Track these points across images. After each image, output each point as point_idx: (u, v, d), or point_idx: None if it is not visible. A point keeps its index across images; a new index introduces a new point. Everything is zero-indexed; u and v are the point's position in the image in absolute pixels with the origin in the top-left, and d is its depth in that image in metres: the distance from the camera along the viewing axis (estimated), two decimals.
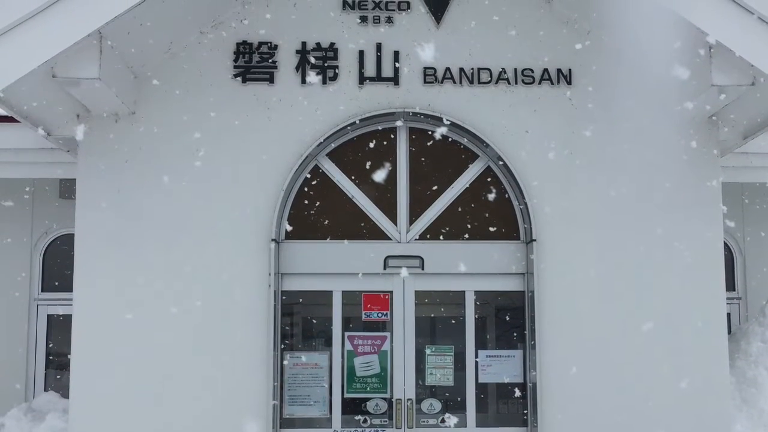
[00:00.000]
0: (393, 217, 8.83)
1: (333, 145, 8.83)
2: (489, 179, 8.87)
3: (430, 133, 8.83)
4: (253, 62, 8.73)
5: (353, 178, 8.84)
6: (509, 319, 9.03)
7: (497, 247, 8.82)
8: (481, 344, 8.88)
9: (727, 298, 8.80)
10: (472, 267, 8.71)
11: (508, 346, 8.94)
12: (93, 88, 7.80)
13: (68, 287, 8.69)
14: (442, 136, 8.77)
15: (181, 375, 8.35)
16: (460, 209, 8.84)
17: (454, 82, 8.75)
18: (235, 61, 8.74)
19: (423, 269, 8.76)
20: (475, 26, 8.79)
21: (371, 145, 8.85)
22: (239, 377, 8.38)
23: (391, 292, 8.81)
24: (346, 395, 8.78)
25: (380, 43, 8.79)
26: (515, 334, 8.90)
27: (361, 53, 8.78)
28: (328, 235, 8.78)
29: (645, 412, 8.39)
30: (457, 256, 8.70)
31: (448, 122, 8.67)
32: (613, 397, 8.41)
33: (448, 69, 8.75)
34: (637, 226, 8.58)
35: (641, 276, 8.55)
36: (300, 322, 9.10)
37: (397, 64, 8.75)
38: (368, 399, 8.76)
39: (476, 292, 8.87)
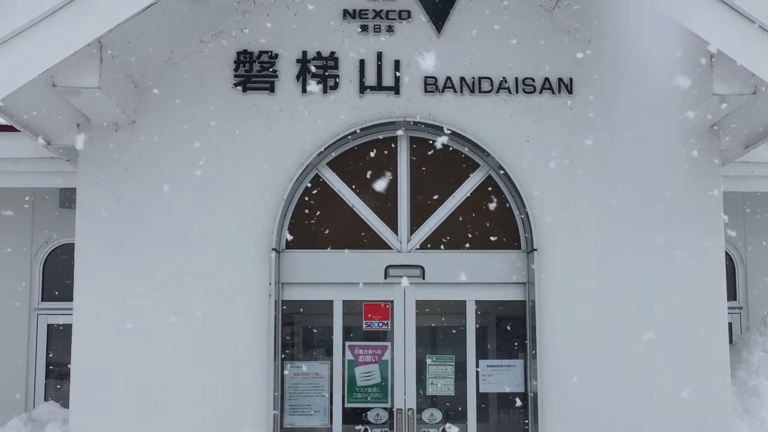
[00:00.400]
0: (394, 226, 8.82)
1: (333, 155, 8.82)
2: (490, 188, 8.86)
3: (430, 142, 8.82)
4: (254, 71, 8.72)
5: (354, 187, 8.83)
6: (510, 329, 9.02)
7: (498, 256, 8.80)
8: (481, 354, 8.87)
9: (729, 308, 8.76)
10: (473, 276, 8.70)
11: (509, 356, 8.93)
12: (93, 98, 7.78)
13: (68, 297, 8.66)
14: (443, 145, 8.75)
15: (181, 385, 8.33)
16: (460, 218, 8.83)
17: (455, 91, 8.74)
18: (236, 70, 8.73)
19: (424, 279, 8.74)
20: (476, 35, 8.79)
21: (372, 154, 8.84)
22: (240, 387, 8.36)
23: (392, 302, 8.80)
24: (347, 405, 8.76)
25: (381, 52, 8.79)
26: (516, 344, 8.88)
27: (362, 62, 8.78)
28: (329, 244, 8.77)
29: (646, 422, 8.36)
30: (458, 266, 8.68)
31: (449, 131, 8.66)
32: (614, 406, 8.38)
33: (448, 78, 8.74)
34: (638, 236, 8.56)
35: (642, 285, 8.52)
36: (301, 331, 9.09)
37: (397, 74, 8.74)
38: (369, 409, 8.74)
39: (477, 302, 8.85)
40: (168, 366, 8.34)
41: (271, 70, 8.72)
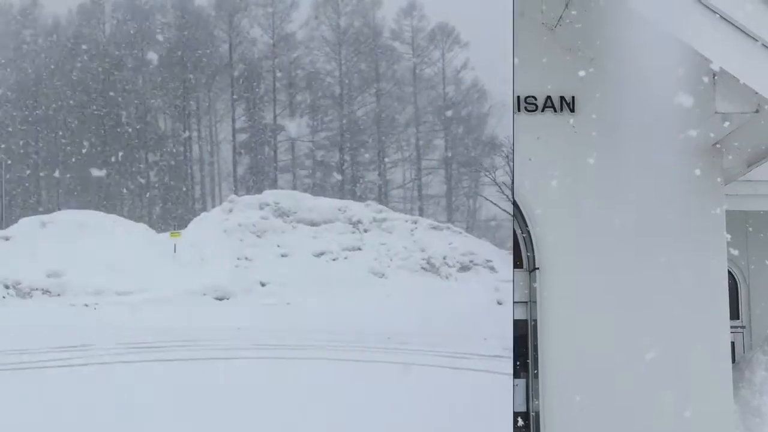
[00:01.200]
0: None
1: None
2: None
3: None
4: None
5: None
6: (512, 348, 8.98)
7: None
8: None
9: (731, 327, 8.74)
10: None
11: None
12: None
13: None
14: None
15: None
16: None
17: None
18: None
19: None
20: None
21: None
22: None
23: None
24: None
25: None
26: (518, 363, 8.84)
27: None
28: None
29: None
30: None
31: None
32: (616, 425, 8.34)
33: None
34: (640, 254, 8.53)
35: (644, 304, 8.49)
36: None
37: None
38: None
39: None
40: None
41: None
